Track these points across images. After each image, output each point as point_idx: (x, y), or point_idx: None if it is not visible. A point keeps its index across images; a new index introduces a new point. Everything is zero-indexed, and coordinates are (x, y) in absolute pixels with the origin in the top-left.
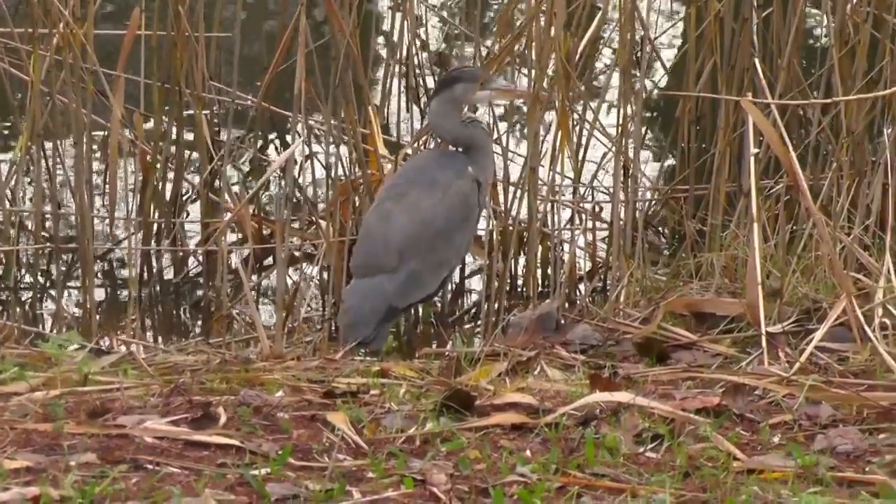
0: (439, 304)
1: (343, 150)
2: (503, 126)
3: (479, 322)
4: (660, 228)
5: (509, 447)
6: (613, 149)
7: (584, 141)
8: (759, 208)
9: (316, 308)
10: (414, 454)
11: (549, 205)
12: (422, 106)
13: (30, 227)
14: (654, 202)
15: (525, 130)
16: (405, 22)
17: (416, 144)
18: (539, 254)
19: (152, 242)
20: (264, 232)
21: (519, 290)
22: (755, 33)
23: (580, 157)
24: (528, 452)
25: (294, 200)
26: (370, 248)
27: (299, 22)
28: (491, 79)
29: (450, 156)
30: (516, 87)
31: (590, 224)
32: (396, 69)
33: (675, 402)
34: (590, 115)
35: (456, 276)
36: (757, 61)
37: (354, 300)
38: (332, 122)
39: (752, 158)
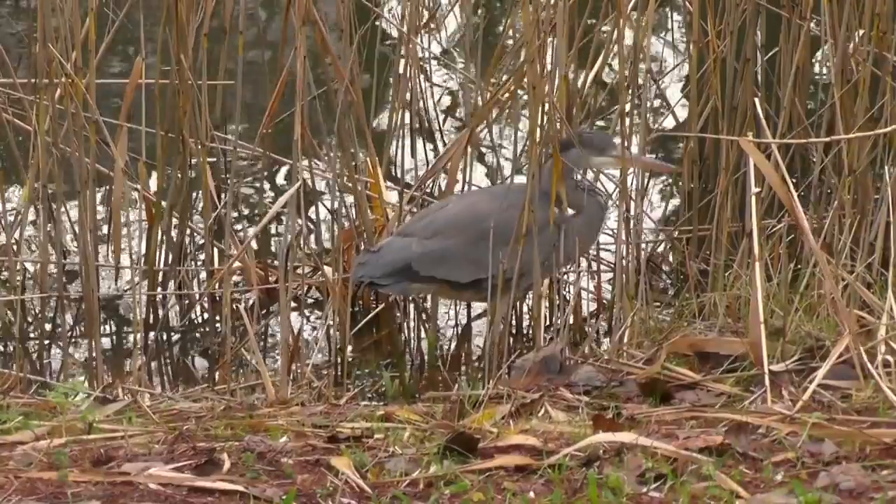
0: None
1: (347, 195)
2: (507, 169)
3: (482, 364)
4: (663, 268)
5: (513, 489)
6: (617, 190)
7: (586, 179)
8: (762, 247)
9: (321, 354)
10: (418, 497)
11: None
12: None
13: (35, 277)
14: (657, 243)
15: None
16: (409, 67)
17: (420, 188)
18: (544, 296)
19: (157, 289)
20: (270, 278)
21: (524, 332)
22: (760, 73)
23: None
24: (531, 494)
25: (298, 246)
26: (415, 220)
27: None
28: (609, 147)
29: (545, 194)
30: (640, 156)
31: (594, 266)
32: (401, 115)
33: (678, 441)
34: None
35: (462, 318)
36: (757, 101)
37: (379, 247)
38: (337, 168)
39: (754, 198)
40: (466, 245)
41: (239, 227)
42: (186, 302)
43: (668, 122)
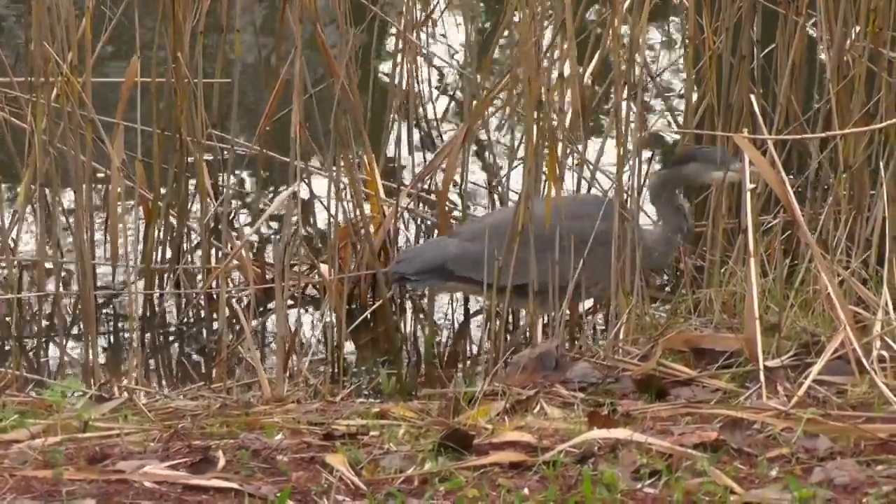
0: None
1: (345, 194)
2: (504, 165)
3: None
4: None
5: (507, 485)
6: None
7: (584, 178)
8: (757, 243)
9: (318, 351)
10: (412, 494)
11: None
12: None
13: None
14: None
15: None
16: (404, 67)
17: (419, 184)
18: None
19: (155, 287)
20: (267, 277)
21: (521, 328)
22: (757, 70)
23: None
24: (526, 490)
25: (295, 244)
26: (470, 221)
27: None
28: (730, 160)
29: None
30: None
31: None
32: (399, 112)
33: (672, 437)
34: (593, 154)
35: (460, 315)
36: (753, 97)
37: (421, 245)
38: (333, 167)
39: (749, 194)
40: (503, 251)
41: (238, 225)
42: (184, 300)
43: (665, 119)
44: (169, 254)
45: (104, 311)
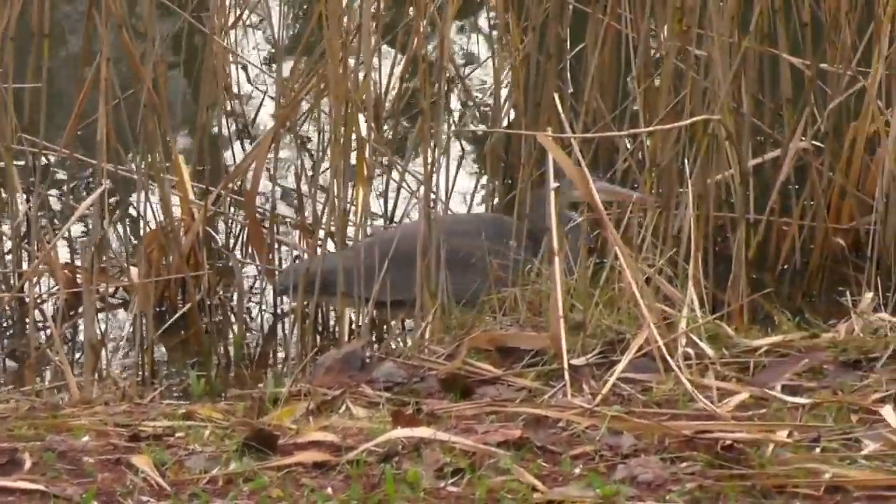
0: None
1: (154, 196)
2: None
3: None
4: None
5: (311, 485)
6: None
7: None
8: (562, 241)
9: (128, 354)
10: (216, 494)
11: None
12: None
13: None
14: None
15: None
16: (219, 65)
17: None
18: None
19: None
20: (78, 280)
21: (330, 329)
22: (568, 69)
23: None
24: (329, 490)
25: (102, 247)
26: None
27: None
28: (596, 180)
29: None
30: (611, 186)
31: None
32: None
33: (476, 435)
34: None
35: (269, 316)
36: (556, 96)
37: (304, 260)
38: (142, 169)
39: (553, 193)
40: (390, 269)
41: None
42: None
43: (476, 120)
44: None
45: None
